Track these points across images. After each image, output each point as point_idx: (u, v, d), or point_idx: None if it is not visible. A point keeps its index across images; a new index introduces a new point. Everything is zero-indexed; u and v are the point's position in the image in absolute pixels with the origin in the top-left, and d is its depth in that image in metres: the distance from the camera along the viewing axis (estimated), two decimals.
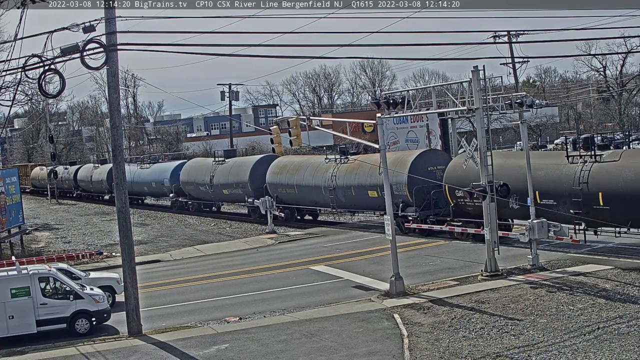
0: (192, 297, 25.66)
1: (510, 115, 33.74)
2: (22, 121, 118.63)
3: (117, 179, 21.16)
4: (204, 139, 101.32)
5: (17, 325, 20.70)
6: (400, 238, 28.41)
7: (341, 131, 46.96)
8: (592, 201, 25.79)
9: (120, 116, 21.33)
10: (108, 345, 19.82)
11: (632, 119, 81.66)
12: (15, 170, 47.85)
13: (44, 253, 37.41)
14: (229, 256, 34.75)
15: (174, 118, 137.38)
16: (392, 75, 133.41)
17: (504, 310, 19.71)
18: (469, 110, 24.51)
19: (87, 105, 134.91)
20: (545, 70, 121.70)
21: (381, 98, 27.02)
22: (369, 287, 24.56)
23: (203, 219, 51.20)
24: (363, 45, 52.82)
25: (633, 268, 23.11)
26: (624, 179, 25.04)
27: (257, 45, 21.66)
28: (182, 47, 22.52)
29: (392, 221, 23.35)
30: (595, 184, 25.77)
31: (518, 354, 16.06)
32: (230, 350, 18.16)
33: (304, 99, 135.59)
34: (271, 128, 29.91)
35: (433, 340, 17.66)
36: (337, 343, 17.98)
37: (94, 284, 23.65)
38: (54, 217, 61.21)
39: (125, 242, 20.89)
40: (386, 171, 23.98)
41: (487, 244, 23.93)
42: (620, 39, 69.37)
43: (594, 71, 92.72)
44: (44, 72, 18.99)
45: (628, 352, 15.50)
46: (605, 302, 19.56)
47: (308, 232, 39.95)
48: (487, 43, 47.00)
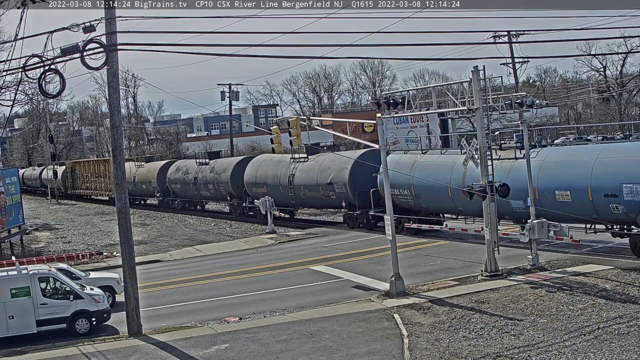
0: (192, 297, 25.66)
1: (510, 115, 33.72)
2: (22, 121, 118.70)
3: (117, 179, 21.16)
4: (204, 139, 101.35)
5: (17, 325, 20.69)
6: (400, 238, 28.38)
7: (341, 131, 47.03)
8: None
9: (120, 116, 21.32)
10: (108, 345, 19.81)
11: (632, 119, 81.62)
12: (16, 170, 47.86)
13: (44, 253, 37.42)
14: (229, 256, 34.76)
15: (174, 118, 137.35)
16: (392, 75, 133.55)
17: (504, 310, 19.71)
18: (469, 110, 24.50)
19: (87, 105, 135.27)
20: (545, 70, 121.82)
21: (381, 98, 27.00)
22: (369, 287, 24.56)
23: (203, 219, 51.25)
24: (363, 45, 52.88)
25: (633, 268, 23.11)
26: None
27: (257, 45, 21.69)
28: (182, 47, 22.58)
29: (392, 221, 23.33)
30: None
31: (518, 354, 16.06)
32: (230, 350, 18.16)
33: (304, 99, 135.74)
34: (271, 128, 29.92)
35: (433, 340, 17.65)
36: (337, 343, 17.98)
37: (94, 284, 23.64)
38: (54, 217, 61.26)
39: (125, 242, 20.89)
40: (386, 171, 23.98)
41: (487, 244, 23.92)
42: (620, 39, 69.60)
43: (594, 71, 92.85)
44: (44, 72, 18.99)
45: (628, 352, 15.50)
46: (605, 302, 19.55)
47: (308, 232, 39.97)
48: (487, 43, 47.12)
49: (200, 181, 53.00)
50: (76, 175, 79.52)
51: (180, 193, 57.61)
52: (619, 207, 24.75)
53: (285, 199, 43.65)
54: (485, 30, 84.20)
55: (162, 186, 59.69)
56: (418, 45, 47.97)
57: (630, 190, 24.35)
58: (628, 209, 24.49)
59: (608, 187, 24.98)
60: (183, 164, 58.04)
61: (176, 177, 57.39)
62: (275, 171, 44.45)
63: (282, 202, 43.76)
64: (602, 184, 25.17)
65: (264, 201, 40.90)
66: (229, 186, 48.99)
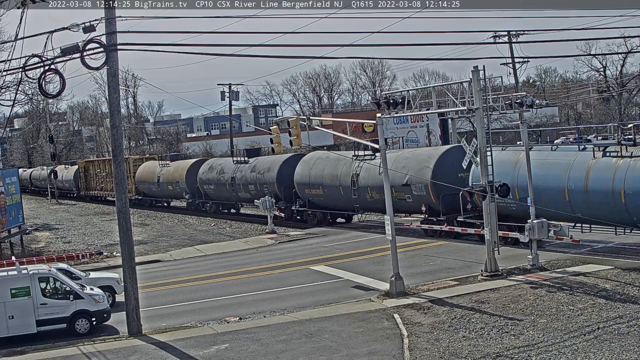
0: (192, 297, 25.66)
1: (510, 115, 33.68)
2: (22, 121, 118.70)
3: (117, 179, 21.17)
4: (204, 139, 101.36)
5: (17, 325, 20.69)
6: (400, 238, 28.37)
7: (341, 131, 46.97)
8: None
9: (120, 116, 21.33)
10: (108, 345, 19.81)
11: (632, 119, 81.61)
12: (16, 170, 47.86)
13: (44, 253, 37.41)
14: (229, 256, 34.76)
15: (174, 118, 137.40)
16: (392, 75, 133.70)
17: (504, 310, 19.71)
18: (469, 110, 24.50)
19: (87, 105, 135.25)
20: (545, 70, 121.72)
21: (381, 98, 27.00)
22: (369, 287, 24.56)
23: (203, 219, 51.24)
24: (363, 45, 52.87)
25: (633, 268, 23.11)
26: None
27: (257, 45, 21.67)
28: (182, 47, 22.56)
29: (392, 221, 23.33)
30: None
31: (518, 354, 16.06)
32: (230, 350, 18.15)
33: (304, 99, 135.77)
34: (271, 128, 29.92)
35: (433, 340, 17.66)
36: (337, 343, 17.98)
37: (94, 284, 23.64)
38: (54, 217, 61.24)
39: (125, 242, 20.89)
40: (386, 171, 23.97)
41: (487, 244, 23.92)
42: (620, 39, 69.50)
43: (594, 71, 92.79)
44: (44, 72, 18.97)
45: (628, 352, 15.50)
46: (605, 302, 19.55)
47: (308, 232, 39.96)
48: (487, 43, 47.10)
49: (239, 181, 48.00)
50: (90, 176, 75.41)
51: (214, 195, 52.28)
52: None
53: (347, 202, 38.78)
54: (485, 30, 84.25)
55: (192, 187, 54.45)
56: (418, 45, 47.95)
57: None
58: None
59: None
60: (217, 163, 52.83)
61: (209, 177, 52.03)
62: (333, 170, 39.49)
63: (342, 205, 39.55)
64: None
65: (264, 201, 40.86)
66: (275, 187, 43.91)
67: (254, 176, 46.27)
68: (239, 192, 48.56)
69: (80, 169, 77.80)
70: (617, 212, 24.93)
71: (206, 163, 54.10)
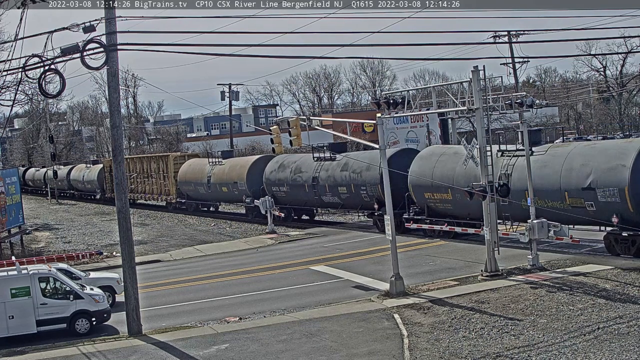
0: (192, 297, 25.66)
1: (510, 115, 33.68)
2: (22, 121, 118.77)
3: (117, 179, 21.17)
4: (204, 139, 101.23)
5: (17, 325, 20.70)
6: (400, 238, 28.37)
7: (341, 131, 46.98)
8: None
9: (120, 116, 21.33)
10: (108, 345, 19.82)
11: (632, 119, 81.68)
12: (15, 170, 47.86)
13: (44, 253, 37.40)
14: (229, 256, 34.76)
15: (174, 118, 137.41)
16: (392, 75, 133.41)
17: (504, 310, 19.71)
18: (469, 110, 24.50)
19: (87, 105, 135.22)
20: (545, 70, 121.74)
21: (381, 98, 26.99)
22: (369, 287, 24.56)
23: (203, 219, 51.24)
24: (363, 45, 52.82)
25: (633, 268, 23.10)
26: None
27: (257, 45, 21.70)
28: (182, 47, 22.59)
29: (392, 221, 23.33)
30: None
31: (518, 354, 16.06)
32: (230, 350, 18.16)
33: (304, 99, 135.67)
34: (271, 128, 29.90)
35: (433, 340, 17.66)
36: (337, 343, 17.98)
37: (94, 284, 23.65)
38: (54, 217, 61.24)
39: (125, 242, 20.89)
40: (386, 171, 23.97)
41: (487, 244, 23.92)
42: (620, 39, 69.60)
43: (594, 71, 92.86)
44: (44, 72, 18.99)
45: (628, 352, 15.50)
46: (605, 302, 19.55)
47: (308, 232, 39.95)
48: (487, 43, 46.99)
49: (323, 182, 39.91)
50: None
51: (286, 198, 43.59)
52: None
53: (479, 207, 25.28)
54: (485, 30, 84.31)
55: (255, 189, 45.58)
56: (418, 45, 47.98)
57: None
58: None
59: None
60: (290, 160, 44.01)
61: (280, 176, 43.66)
62: (456, 166, 30.58)
63: (475, 212, 28.12)
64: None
65: (264, 201, 40.83)
66: (379, 189, 34.32)
67: (347, 176, 38.21)
68: (323, 195, 40.35)
69: (105, 168, 68.05)
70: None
71: (274, 160, 44.82)
